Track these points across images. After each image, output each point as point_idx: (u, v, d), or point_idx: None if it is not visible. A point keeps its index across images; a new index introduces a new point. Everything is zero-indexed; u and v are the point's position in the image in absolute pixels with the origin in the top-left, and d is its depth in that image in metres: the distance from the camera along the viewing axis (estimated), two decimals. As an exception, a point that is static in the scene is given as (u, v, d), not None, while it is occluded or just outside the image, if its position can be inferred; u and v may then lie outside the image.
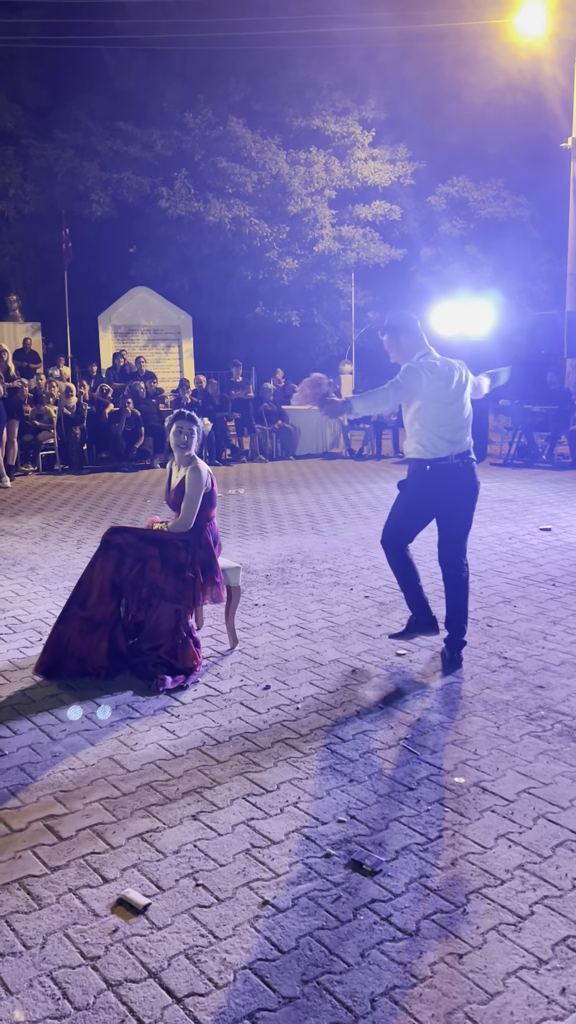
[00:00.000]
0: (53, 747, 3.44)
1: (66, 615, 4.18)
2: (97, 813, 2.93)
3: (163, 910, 2.43)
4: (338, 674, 4.22)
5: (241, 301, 19.44)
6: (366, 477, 11.28)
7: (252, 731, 3.58)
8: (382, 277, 19.87)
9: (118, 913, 2.42)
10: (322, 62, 18.72)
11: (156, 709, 3.81)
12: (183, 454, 4.49)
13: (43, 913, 2.41)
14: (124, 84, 19.83)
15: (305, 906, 2.44)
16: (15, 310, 18.48)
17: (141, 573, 4.27)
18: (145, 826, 2.85)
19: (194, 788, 3.11)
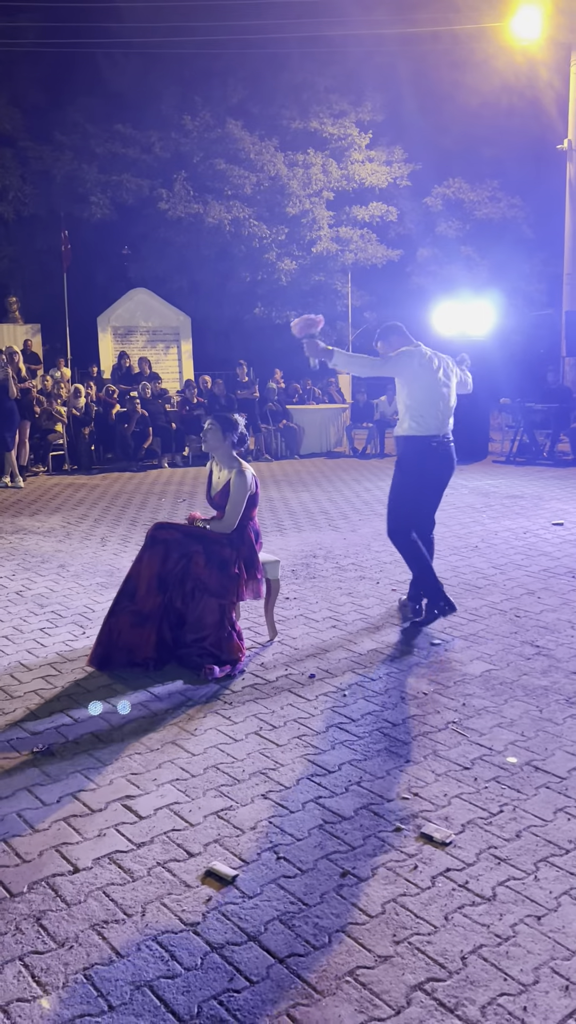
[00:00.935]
0: (116, 733, 3.56)
1: (116, 608, 4.30)
2: (171, 794, 3.06)
3: (251, 880, 2.56)
4: (378, 663, 4.36)
5: (239, 302, 19.57)
6: (372, 475, 11.43)
7: (305, 716, 3.71)
8: (379, 277, 20.04)
9: (208, 884, 2.54)
10: (319, 64, 18.87)
11: (209, 697, 3.94)
12: (215, 454, 4.64)
13: (137, 885, 2.54)
14: (122, 87, 19.92)
15: (384, 875, 2.58)
16: (15, 312, 18.53)
17: (186, 568, 4.39)
18: (219, 805, 2.98)
19: (259, 770, 3.24)
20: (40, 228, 19.37)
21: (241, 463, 4.56)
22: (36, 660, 4.44)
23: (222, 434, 4.63)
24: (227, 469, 4.58)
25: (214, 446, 4.63)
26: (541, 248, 19.47)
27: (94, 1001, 2.08)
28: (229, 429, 4.62)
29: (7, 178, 17.98)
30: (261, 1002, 2.08)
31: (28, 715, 3.74)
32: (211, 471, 4.74)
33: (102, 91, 20.05)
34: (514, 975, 2.16)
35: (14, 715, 3.74)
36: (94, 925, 2.36)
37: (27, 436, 10.90)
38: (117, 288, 19.53)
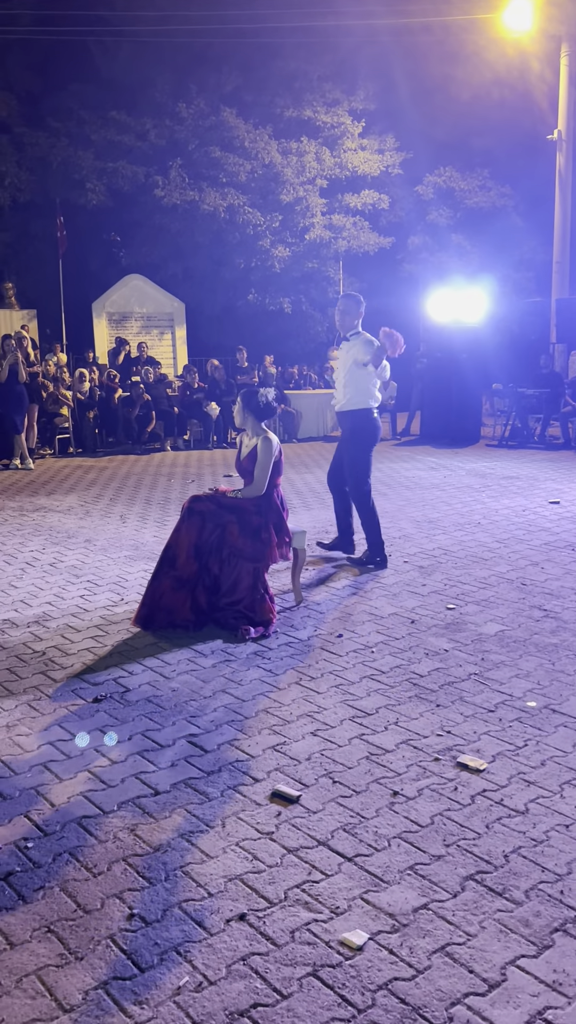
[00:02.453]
0: (169, 684, 3.90)
1: (159, 573, 4.64)
2: (229, 732, 3.41)
3: (312, 800, 2.91)
4: (399, 625, 4.72)
5: (233, 288, 19.81)
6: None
7: (340, 669, 4.07)
8: (370, 264, 20.34)
9: (276, 803, 2.89)
10: (311, 53, 19.09)
11: (248, 654, 4.28)
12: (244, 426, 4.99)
13: (213, 804, 2.89)
14: (116, 74, 20.03)
15: (429, 795, 2.94)
16: (11, 298, 18.66)
17: (222, 537, 4.72)
18: (274, 740, 3.33)
19: (305, 713, 3.59)
20: (35, 214, 19.49)
21: (267, 432, 4.90)
22: (82, 623, 4.76)
23: (245, 407, 4.97)
24: (255, 437, 4.92)
25: (242, 419, 4.97)
26: (531, 236, 19.85)
27: (195, 890, 2.43)
28: (250, 401, 4.96)
29: (3, 164, 18.08)
30: (337, 889, 2.43)
31: (86, 669, 4.07)
32: (240, 442, 5.08)
33: (95, 78, 20.15)
34: (550, 868, 2.53)
35: (73, 669, 4.07)
36: (183, 835, 2.70)
37: (35, 419, 11.15)
38: (112, 274, 19.71)
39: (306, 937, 2.23)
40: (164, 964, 2.14)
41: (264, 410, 4.90)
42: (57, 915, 2.33)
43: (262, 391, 4.96)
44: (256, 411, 4.88)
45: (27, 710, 3.62)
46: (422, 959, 2.15)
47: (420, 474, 10.11)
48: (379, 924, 2.28)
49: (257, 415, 4.89)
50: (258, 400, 4.90)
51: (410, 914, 2.32)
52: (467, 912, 2.33)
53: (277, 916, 2.32)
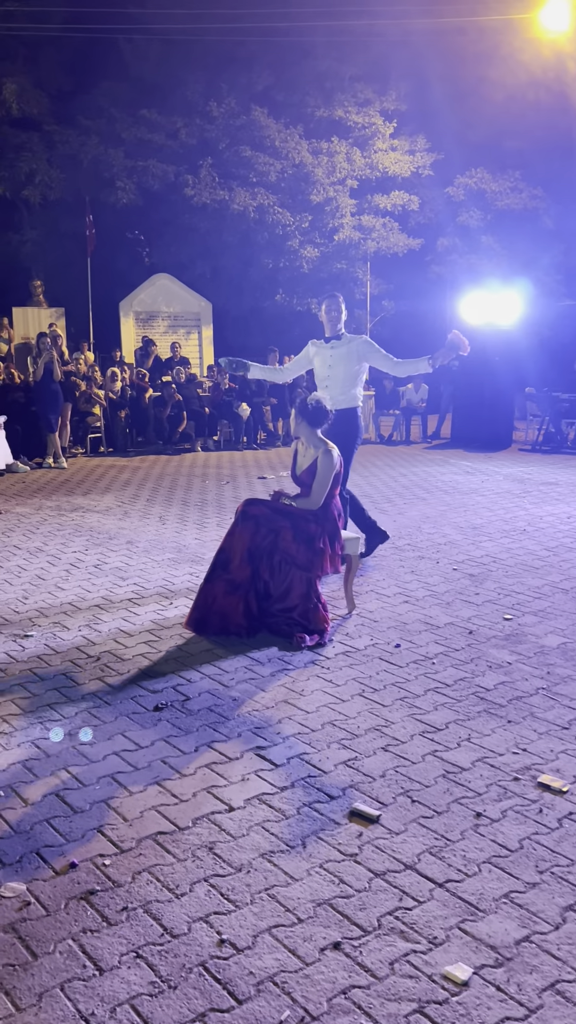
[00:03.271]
0: (230, 692, 3.81)
1: (212, 576, 4.55)
2: (298, 745, 3.31)
3: (393, 820, 2.81)
4: (457, 635, 4.61)
5: (261, 288, 19.74)
6: (405, 461, 11.67)
7: (402, 681, 3.96)
8: (398, 266, 20.21)
9: (356, 822, 2.80)
10: (343, 53, 18.96)
11: (306, 663, 4.19)
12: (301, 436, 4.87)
13: (291, 822, 2.79)
14: (147, 72, 20.00)
15: (514, 818, 2.83)
16: (39, 295, 18.67)
17: (275, 542, 4.63)
18: (345, 755, 3.24)
19: (373, 726, 3.49)
20: (65, 212, 19.48)
21: (327, 443, 4.79)
22: (134, 627, 4.68)
23: (299, 417, 4.86)
24: (313, 448, 4.81)
25: (298, 430, 4.86)
26: (561, 239, 19.64)
27: (284, 915, 2.33)
28: (305, 412, 4.84)
29: (34, 162, 18.09)
30: (432, 918, 2.33)
31: (142, 675, 3.99)
32: (296, 451, 4.97)
33: (127, 76, 20.14)
34: None
35: (130, 675, 3.99)
36: (263, 854, 2.61)
37: (68, 418, 11.12)
38: (139, 273, 19.69)
39: (407, 969, 2.13)
40: (262, 996, 2.04)
41: (315, 414, 4.78)
42: (144, 939, 2.24)
43: (310, 396, 4.85)
44: (308, 417, 4.77)
45: (88, 717, 3.54)
46: (532, 997, 2.05)
47: (456, 479, 9.98)
48: (481, 957, 2.18)
49: (310, 421, 4.78)
50: (306, 404, 4.79)
51: (513, 947, 2.22)
52: (572, 946, 2.22)
53: (373, 946, 2.22)
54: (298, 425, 4.85)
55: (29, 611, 4.98)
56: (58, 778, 3.05)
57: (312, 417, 4.79)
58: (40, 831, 2.71)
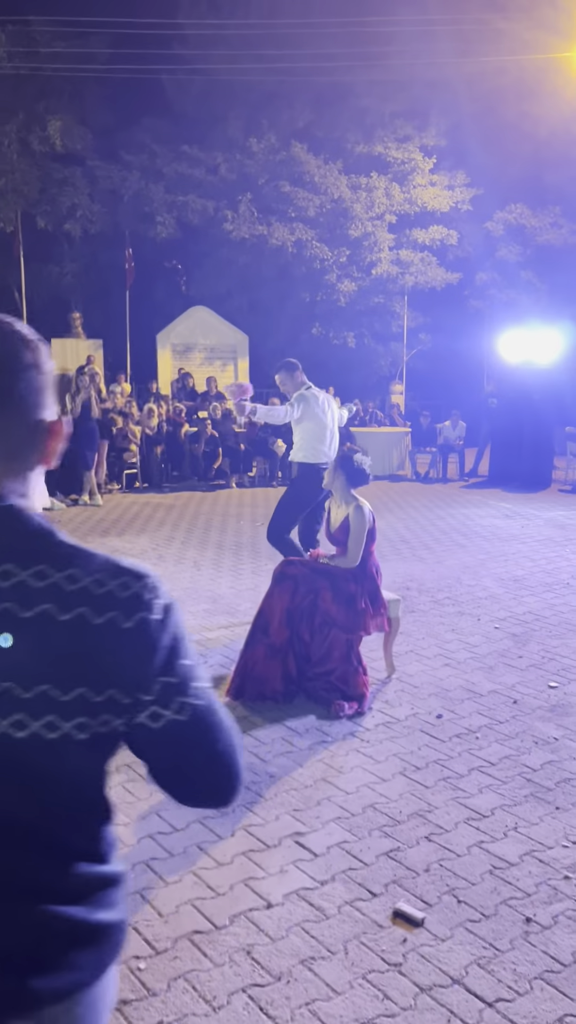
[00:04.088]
0: (267, 768, 3.71)
1: (252, 641, 4.48)
2: (337, 832, 3.20)
3: (438, 923, 2.69)
4: (501, 705, 4.47)
5: (297, 321, 19.83)
6: (442, 501, 11.54)
7: (445, 758, 3.84)
8: (436, 299, 20.20)
9: (399, 924, 2.68)
10: (385, 91, 19.12)
11: (345, 734, 4.08)
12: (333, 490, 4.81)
13: (332, 922, 2.68)
14: (189, 109, 20.36)
15: (566, 924, 2.70)
16: (78, 327, 18.94)
17: (314, 603, 4.55)
18: (386, 845, 3.12)
19: (415, 811, 3.37)
20: (105, 245, 19.80)
21: (359, 499, 4.71)
22: (169, 688, 4.61)
23: (339, 471, 4.78)
24: (345, 504, 4.73)
25: (334, 484, 4.79)
26: (601, 275, 19.50)
27: (325, 1037, 2.23)
28: (344, 467, 4.77)
29: (76, 196, 18.43)
30: (482, 1046, 2.21)
31: (178, 745, 3.90)
32: (329, 508, 4.90)
33: (168, 113, 20.53)
34: None
35: (165, 745, 3.91)
36: (303, 961, 2.51)
37: (104, 455, 11.18)
38: (177, 305, 19.89)
39: None
40: None
41: (357, 475, 4.71)
42: (180, 1061, 2.15)
43: (357, 456, 4.77)
44: (350, 475, 4.69)
45: (121, 793, 3.47)
46: None
47: (496, 523, 9.83)
48: None
49: (350, 480, 4.70)
50: (354, 464, 4.71)
51: None
52: None
53: (421, 1078, 2.10)
54: (335, 478, 4.78)
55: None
56: (92, 863, 2.97)
57: (352, 475, 4.72)
58: (73, 926, 2.63)
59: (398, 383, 20.36)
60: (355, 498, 4.72)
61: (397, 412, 16.00)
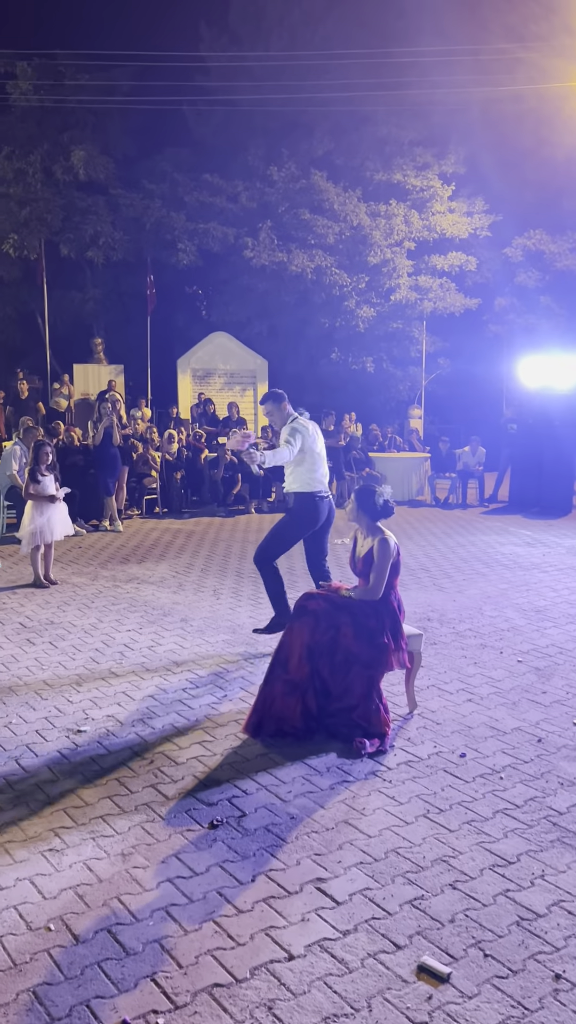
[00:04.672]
0: (287, 808, 3.65)
1: (271, 677, 4.43)
2: (360, 878, 3.13)
3: (465, 979, 2.61)
4: (525, 743, 4.39)
5: (316, 347, 19.91)
6: (462, 528, 11.46)
7: (469, 800, 3.76)
8: (455, 325, 20.21)
9: (424, 979, 2.61)
10: (403, 120, 19.26)
11: (367, 773, 4.01)
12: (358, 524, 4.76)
13: (355, 976, 2.61)
14: (209, 138, 20.60)
15: (597, 981, 2.61)
16: (100, 353, 19.10)
17: (335, 639, 4.49)
18: (410, 893, 3.05)
19: (439, 857, 3.29)
20: (126, 272, 20.01)
21: (384, 531, 4.66)
22: (187, 723, 4.57)
23: (359, 506, 4.73)
24: (370, 537, 4.69)
25: (355, 517, 4.74)
26: (621, 300, 19.44)
27: None
28: (366, 500, 4.72)
29: (99, 224, 18.64)
30: None
31: (197, 785, 3.86)
32: (355, 539, 4.86)
33: (190, 142, 20.77)
34: None
35: (183, 784, 3.86)
36: (326, 1018, 2.44)
37: (125, 481, 11.21)
38: (197, 331, 20.03)
39: None
40: None
41: (381, 510, 4.67)
42: None
43: (379, 489, 4.73)
44: (371, 512, 4.65)
45: (141, 834, 3.42)
46: None
47: (517, 550, 9.74)
48: None
49: (372, 515, 4.66)
50: (375, 500, 4.67)
51: None
52: None
53: None
54: (358, 516, 4.73)
55: (83, 700, 4.91)
56: (110, 908, 2.92)
57: (375, 511, 4.68)
58: (91, 977, 2.58)
59: (416, 408, 20.35)
60: (380, 531, 4.67)
61: (416, 437, 15.97)
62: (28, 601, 7.19)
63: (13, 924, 2.83)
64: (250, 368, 18.76)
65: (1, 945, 2.72)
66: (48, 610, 6.91)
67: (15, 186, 18.46)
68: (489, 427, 16.51)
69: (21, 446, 9.48)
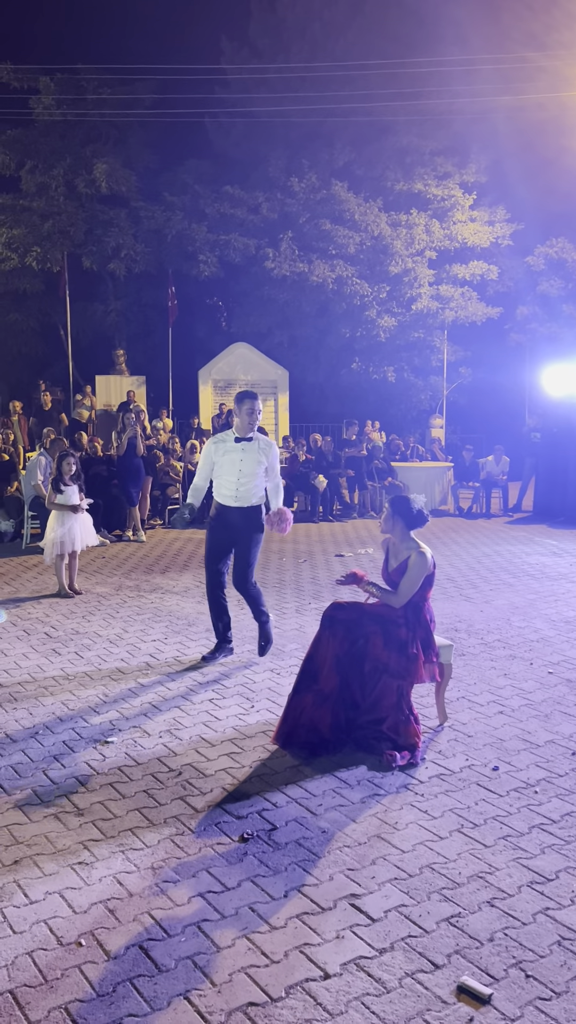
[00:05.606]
0: (318, 822, 3.59)
1: (300, 687, 4.37)
2: (394, 894, 3.06)
3: (506, 1000, 2.54)
4: (559, 757, 4.30)
5: (337, 357, 19.90)
6: (486, 537, 11.36)
7: (503, 815, 3.68)
8: (476, 334, 20.12)
9: (464, 1001, 2.53)
10: (424, 129, 19.26)
11: (398, 786, 3.94)
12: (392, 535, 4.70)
13: (393, 997, 2.54)
14: (230, 150, 20.72)
15: None
16: (121, 364, 19.20)
17: (364, 649, 4.43)
18: (447, 910, 2.97)
19: (475, 873, 3.21)
20: (148, 284, 20.12)
21: (420, 544, 4.60)
22: (215, 735, 4.52)
23: (395, 513, 4.67)
24: (405, 548, 4.62)
25: (393, 529, 4.68)
26: None
27: None
28: (402, 507, 4.66)
29: (121, 237, 18.77)
30: None
31: (226, 797, 3.80)
32: (388, 547, 4.79)
33: (210, 154, 20.89)
34: None
35: (213, 796, 3.81)
36: (364, 1040, 2.37)
37: (148, 492, 11.21)
38: (218, 342, 20.10)
39: None
40: None
41: (416, 518, 4.61)
42: None
43: (413, 496, 4.68)
44: (408, 519, 4.60)
45: (171, 848, 3.37)
46: None
47: (544, 560, 9.62)
48: None
49: (408, 523, 4.61)
50: (411, 507, 4.61)
51: None
52: None
53: None
54: (394, 524, 4.67)
55: (110, 711, 4.87)
56: (141, 924, 2.87)
57: (410, 519, 4.61)
58: (123, 994, 2.53)
59: (438, 417, 20.25)
60: (416, 542, 4.60)
61: (438, 446, 15.86)
62: (53, 611, 7.19)
63: (44, 939, 2.79)
64: (271, 378, 18.77)
65: (32, 960, 2.68)
66: (73, 620, 6.90)
67: (38, 200, 18.65)
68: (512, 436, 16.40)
69: (46, 456, 9.50)
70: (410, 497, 4.66)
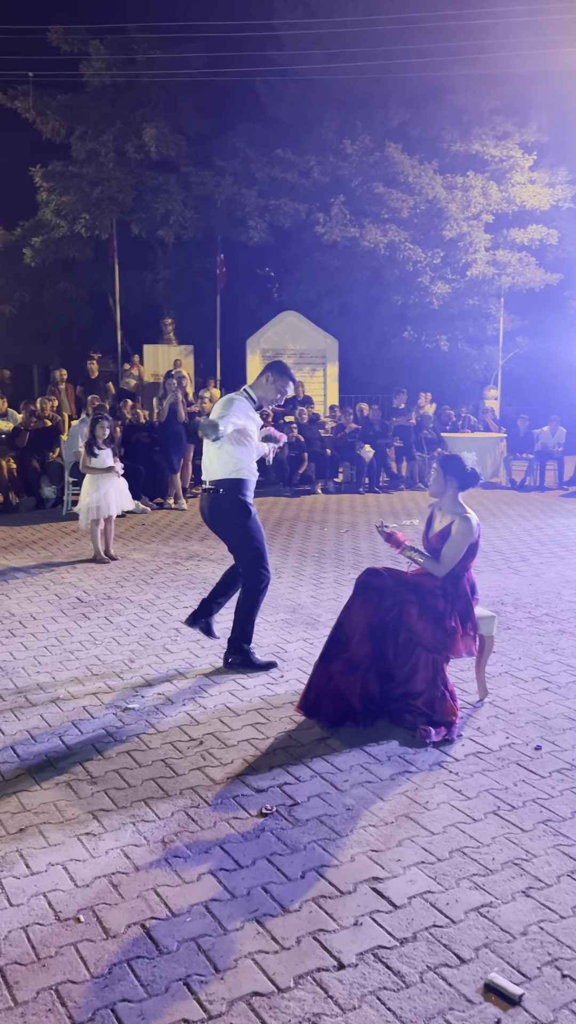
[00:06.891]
0: (343, 799, 3.36)
1: (329, 654, 4.14)
2: (420, 879, 2.83)
3: (538, 1002, 2.29)
4: (608, 736, 4.00)
5: (388, 325, 19.39)
6: (539, 511, 10.93)
7: (544, 797, 3.40)
8: (534, 301, 19.38)
9: (491, 1000, 2.29)
10: (482, 87, 18.50)
11: (431, 764, 3.69)
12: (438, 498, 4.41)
13: (412, 992, 2.31)
14: (282, 113, 20.23)
15: None
16: (169, 333, 19.01)
17: (399, 618, 4.17)
18: (477, 899, 2.73)
19: (510, 859, 2.96)
20: (197, 251, 19.84)
21: (466, 509, 4.30)
22: (241, 704, 4.32)
23: (446, 472, 4.36)
24: (451, 513, 4.33)
25: (441, 487, 4.38)
26: None
27: None
28: (451, 472, 4.35)
29: (170, 203, 18.50)
30: None
31: (247, 768, 3.60)
32: (431, 515, 4.51)
33: (262, 117, 20.42)
34: None
35: (233, 767, 3.61)
36: (377, 1040, 2.15)
37: (190, 459, 11.04)
38: (267, 311, 19.75)
39: None
40: None
41: (471, 476, 4.31)
42: None
43: (464, 454, 4.37)
44: (462, 477, 4.29)
45: (184, 820, 3.18)
46: None
47: (598, 534, 9.20)
48: None
49: (461, 482, 4.29)
50: (463, 464, 4.30)
51: None
52: None
53: None
54: (447, 484, 4.34)
55: (134, 677, 4.71)
56: (146, 901, 2.69)
57: (464, 478, 4.32)
58: (119, 976, 2.35)
59: (492, 388, 19.63)
60: (463, 507, 4.31)
61: (491, 416, 15.35)
62: (87, 576, 7.07)
63: (41, 913, 2.63)
64: (320, 348, 18.38)
65: (26, 935, 2.52)
66: (106, 585, 6.77)
67: (88, 166, 18.47)
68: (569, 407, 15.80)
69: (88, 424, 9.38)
70: (461, 455, 4.35)
